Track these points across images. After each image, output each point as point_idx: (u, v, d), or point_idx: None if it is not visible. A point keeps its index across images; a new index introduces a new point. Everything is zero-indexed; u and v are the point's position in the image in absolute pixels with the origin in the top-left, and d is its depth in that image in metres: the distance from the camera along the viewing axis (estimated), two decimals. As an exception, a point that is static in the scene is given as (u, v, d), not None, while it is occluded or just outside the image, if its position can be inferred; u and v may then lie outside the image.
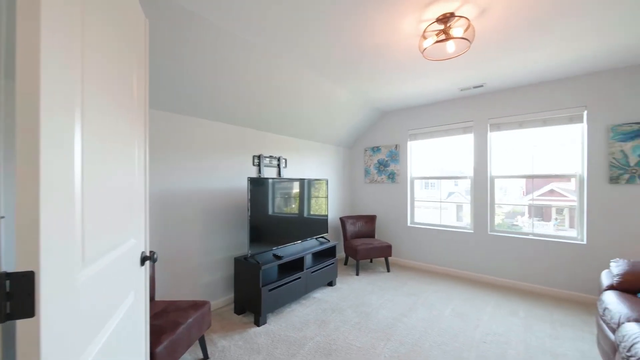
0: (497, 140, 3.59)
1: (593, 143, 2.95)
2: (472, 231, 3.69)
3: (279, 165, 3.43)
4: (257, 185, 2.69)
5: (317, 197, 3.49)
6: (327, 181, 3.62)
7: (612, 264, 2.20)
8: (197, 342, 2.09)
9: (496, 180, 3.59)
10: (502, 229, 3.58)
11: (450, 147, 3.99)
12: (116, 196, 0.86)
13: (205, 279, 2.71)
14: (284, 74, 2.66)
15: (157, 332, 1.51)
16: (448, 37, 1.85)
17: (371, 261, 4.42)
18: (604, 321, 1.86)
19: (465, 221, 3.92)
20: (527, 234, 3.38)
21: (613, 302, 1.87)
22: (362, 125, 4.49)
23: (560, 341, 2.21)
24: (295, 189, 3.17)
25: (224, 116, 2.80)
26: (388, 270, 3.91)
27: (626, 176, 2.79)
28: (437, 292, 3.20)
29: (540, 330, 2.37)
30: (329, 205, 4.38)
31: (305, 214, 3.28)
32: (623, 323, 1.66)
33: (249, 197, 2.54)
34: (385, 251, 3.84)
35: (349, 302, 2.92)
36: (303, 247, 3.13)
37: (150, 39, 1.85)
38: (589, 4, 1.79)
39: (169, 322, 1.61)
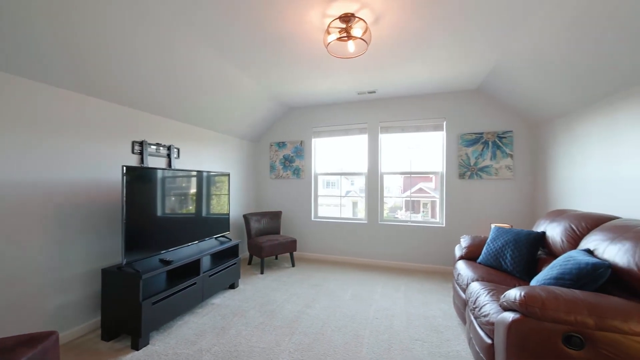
0: (386, 141, 4.13)
1: (449, 147, 3.76)
2: (366, 222, 4.12)
3: (169, 155, 2.92)
4: (138, 176, 2.19)
5: (218, 192, 3.16)
6: (229, 175, 3.33)
7: (461, 240, 2.84)
8: (36, 390, 1.51)
9: (385, 177, 4.13)
10: (388, 219, 4.15)
11: (349, 146, 4.36)
12: None
13: (55, 302, 2.02)
14: (181, 49, 2.26)
15: (-50, 393, 0.99)
16: (349, 37, 1.97)
17: (276, 258, 4.35)
18: (458, 284, 2.37)
19: (360, 215, 4.35)
20: (406, 221, 4.03)
21: (463, 268, 2.39)
22: (267, 119, 4.36)
23: (430, 306, 2.70)
24: (190, 182, 2.77)
25: (92, 88, 2.16)
26: (293, 265, 3.93)
27: (469, 173, 3.67)
28: (338, 280, 3.41)
29: (416, 300, 2.83)
30: (232, 201, 4.06)
31: (204, 212, 2.91)
32: (470, 283, 2.13)
33: (125, 192, 2.04)
34: (290, 246, 3.84)
35: (252, 302, 2.76)
36: (200, 249, 2.77)
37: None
38: (444, 39, 2.24)
39: (-25, 372, 1.08)
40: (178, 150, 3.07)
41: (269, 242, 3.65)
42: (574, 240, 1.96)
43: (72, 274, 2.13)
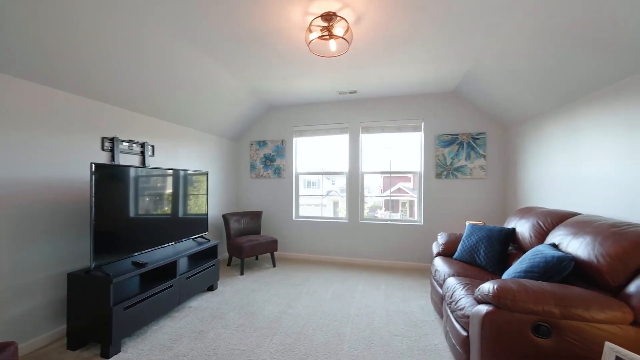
0: (366, 141, 4.18)
1: (427, 148, 3.88)
2: (347, 221, 4.16)
3: (143, 153, 2.79)
4: (108, 174, 2.07)
5: (195, 192, 3.05)
6: (207, 174, 3.23)
7: (439, 237, 2.93)
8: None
9: (365, 177, 4.19)
10: (368, 219, 4.21)
11: (331, 146, 4.37)
12: None
13: (15, 309, 1.86)
14: (156, 42, 2.14)
15: None
16: (331, 36, 1.97)
17: (257, 258, 4.28)
18: (435, 280, 2.44)
19: (341, 215, 4.38)
20: (386, 220, 4.11)
21: (440, 264, 2.47)
22: (248, 117, 4.28)
23: (409, 302, 2.77)
24: (166, 181, 2.65)
25: (58, 79, 2.01)
26: (274, 266, 3.89)
27: (445, 173, 3.80)
28: (319, 279, 3.41)
29: (395, 297, 2.89)
30: (210, 201, 3.94)
31: (180, 212, 2.80)
32: (446, 279, 2.21)
33: (94, 191, 1.92)
34: (271, 246, 3.79)
35: (232, 304, 2.69)
36: (176, 250, 2.66)
37: None
38: (422, 42, 2.30)
39: None
40: (153, 147, 2.93)
41: (249, 243, 3.59)
42: (541, 235, 2.09)
43: (34, 279, 1.97)
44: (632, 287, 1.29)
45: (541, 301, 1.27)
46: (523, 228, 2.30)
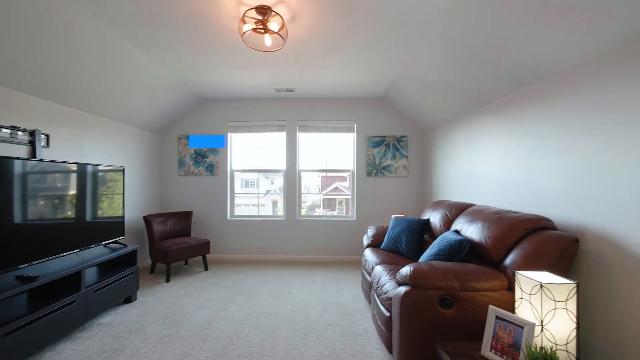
0: (304, 140, 4.26)
1: (359, 148, 4.16)
2: (284, 218, 4.16)
3: (32, 143, 2.27)
4: (-21, 169, 1.64)
5: (109, 191, 2.65)
6: (123, 170, 2.83)
7: (369, 230, 3.17)
8: None
9: (303, 175, 4.26)
10: (306, 216, 4.30)
11: (268, 143, 4.31)
12: None
13: None
14: (58, 10, 1.77)
15: None
16: (265, 30, 1.95)
17: (186, 262, 3.94)
18: (365, 269, 2.64)
19: (280, 214, 4.36)
20: (322, 216, 4.26)
21: (369, 255, 2.69)
22: (176, 109, 3.90)
23: (342, 293, 2.93)
24: (69, 177, 2.23)
25: None
26: (206, 269, 3.64)
27: (375, 171, 4.14)
28: (256, 279, 3.33)
29: (330, 289, 3.03)
30: (129, 201, 3.46)
31: (88, 214, 2.39)
32: (374, 267, 2.41)
33: (-44, 189, 1.50)
34: (202, 249, 3.54)
35: (154, 315, 2.42)
36: (82, 259, 2.26)
37: None
38: (353, 46, 2.47)
39: None
40: (47, 137, 2.43)
41: (176, 246, 3.27)
42: (447, 223, 2.45)
43: None
44: (507, 261, 1.62)
45: (446, 278, 1.49)
46: (435, 218, 2.67)
